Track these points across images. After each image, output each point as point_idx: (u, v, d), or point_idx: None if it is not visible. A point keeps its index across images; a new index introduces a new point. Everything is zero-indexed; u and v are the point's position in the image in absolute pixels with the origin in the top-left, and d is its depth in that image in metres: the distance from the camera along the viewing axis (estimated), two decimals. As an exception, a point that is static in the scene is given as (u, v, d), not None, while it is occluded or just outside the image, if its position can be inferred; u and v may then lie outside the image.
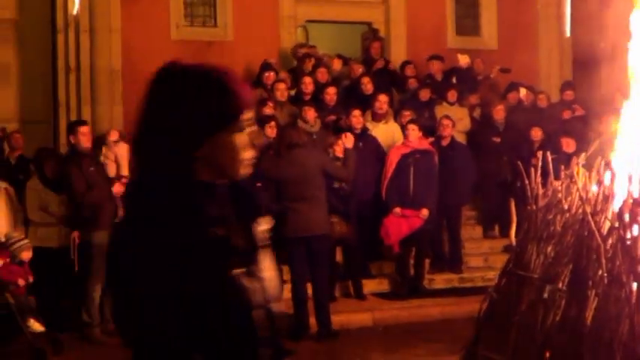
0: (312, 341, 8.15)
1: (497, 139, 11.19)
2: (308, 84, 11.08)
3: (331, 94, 10.92)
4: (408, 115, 10.78)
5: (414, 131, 10.00)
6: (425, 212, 9.75)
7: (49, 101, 11.63)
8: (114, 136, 8.85)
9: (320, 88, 11.08)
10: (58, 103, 11.28)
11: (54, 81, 11.54)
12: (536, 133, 10.92)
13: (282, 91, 10.87)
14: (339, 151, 9.19)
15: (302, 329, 8.23)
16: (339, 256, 9.74)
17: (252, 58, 12.11)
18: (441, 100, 11.71)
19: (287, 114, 10.71)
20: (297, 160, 8.06)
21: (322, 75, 11.49)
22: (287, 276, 8.66)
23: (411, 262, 9.99)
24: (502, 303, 5.64)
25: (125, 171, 8.20)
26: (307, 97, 10.98)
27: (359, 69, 11.97)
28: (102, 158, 8.33)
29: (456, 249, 10.56)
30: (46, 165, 8.25)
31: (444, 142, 10.47)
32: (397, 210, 9.77)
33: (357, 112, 10.16)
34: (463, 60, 12.62)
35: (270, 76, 11.29)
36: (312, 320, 8.26)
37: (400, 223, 9.76)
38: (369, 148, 10.05)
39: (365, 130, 10.24)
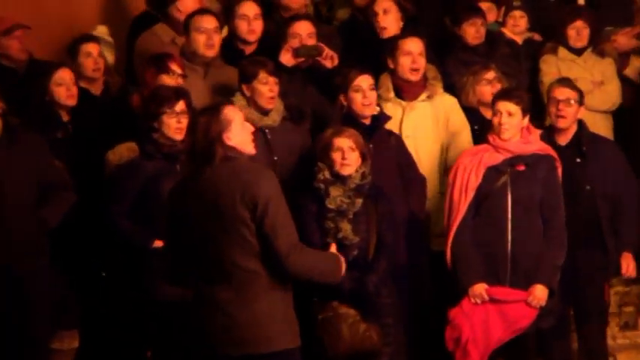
0: None
1: None
2: (252, 20, 8.33)
3: (303, 34, 8.31)
4: (492, 75, 8.40)
5: (512, 118, 7.74)
6: (540, 293, 7.73)
7: None
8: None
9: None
10: None
11: None
12: None
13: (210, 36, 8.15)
14: (342, 167, 7.40)
15: None
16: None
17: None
18: (556, 44, 9.10)
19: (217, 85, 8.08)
20: (214, 186, 5.83)
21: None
22: None
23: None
24: None
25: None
26: (248, 50, 8.29)
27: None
28: None
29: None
30: None
31: (561, 139, 8.13)
32: (480, 288, 7.70)
33: (364, 79, 7.77)
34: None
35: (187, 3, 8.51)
36: None
37: (489, 319, 7.86)
38: (387, 155, 7.90)
39: (381, 118, 8.00)
